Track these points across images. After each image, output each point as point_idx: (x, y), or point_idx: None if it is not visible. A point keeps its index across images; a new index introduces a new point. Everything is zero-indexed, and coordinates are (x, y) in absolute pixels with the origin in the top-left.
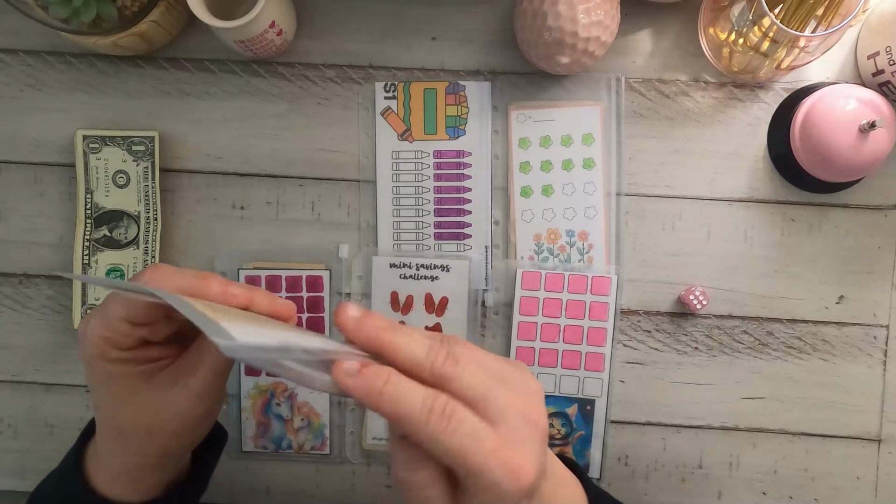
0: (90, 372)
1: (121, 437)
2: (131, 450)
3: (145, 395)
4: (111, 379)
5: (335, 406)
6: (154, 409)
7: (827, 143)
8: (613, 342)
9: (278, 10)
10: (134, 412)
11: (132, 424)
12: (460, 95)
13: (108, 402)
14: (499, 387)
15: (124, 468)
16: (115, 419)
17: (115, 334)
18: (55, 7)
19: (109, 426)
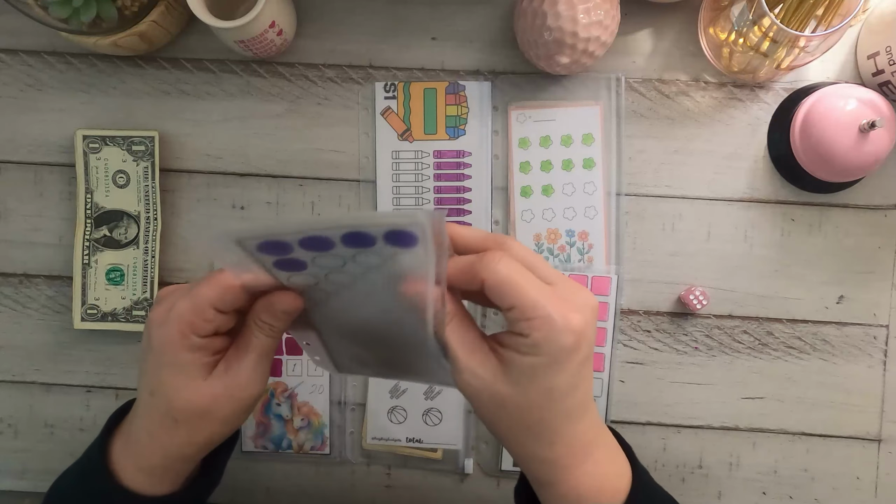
0: (161, 356)
1: (172, 426)
2: (178, 439)
3: (203, 383)
4: (181, 366)
5: (335, 406)
6: (211, 395)
7: (827, 143)
8: (613, 342)
9: (278, 9)
10: (191, 398)
11: (187, 411)
12: (460, 95)
13: (169, 388)
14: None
15: (163, 459)
16: (172, 406)
17: (201, 320)
18: (55, 7)
19: (161, 414)
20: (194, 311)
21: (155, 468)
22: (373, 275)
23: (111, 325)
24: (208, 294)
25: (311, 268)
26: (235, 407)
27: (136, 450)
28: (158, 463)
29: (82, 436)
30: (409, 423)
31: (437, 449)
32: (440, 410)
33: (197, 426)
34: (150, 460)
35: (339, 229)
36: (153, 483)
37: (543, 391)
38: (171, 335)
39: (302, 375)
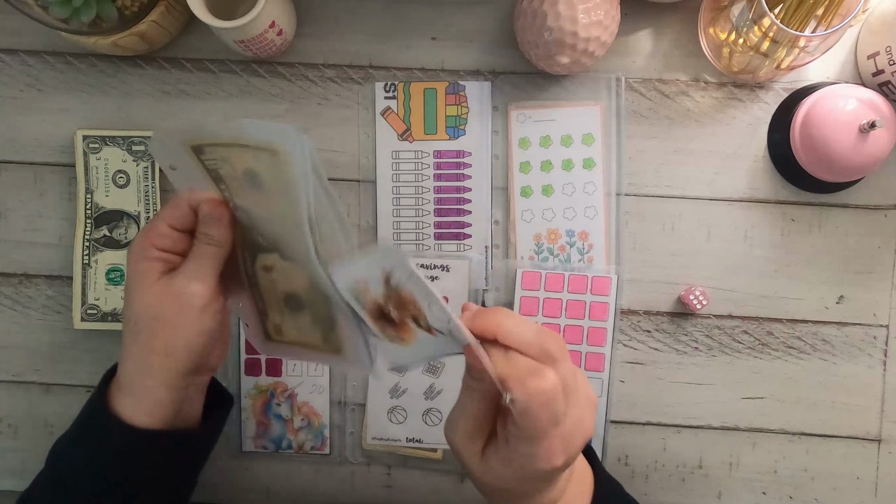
0: (127, 279)
1: (136, 335)
2: (140, 348)
3: (158, 285)
4: (139, 275)
5: (335, 406)
6: (157, 295)
7: (827, 143)
8: (613, 342)
9: (278, 9)
10: (143, 300)
11: (141, 314)
12: (460, 95)
13: (130, 298)
14: (582, 385)
15: (144, 379)
16: (132, 313)
17: (157, 235)
18: (55, 7)
19: (129, 330)
20: (151, 228)
21: (128, 385)
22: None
23: (111, 325)
24: (162, 213)
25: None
26: (181, 310)
27: (123, 380)
28: (132, 379)
29: None
30: (409, 423)
31: (437, 449)
32: (440, 410)
33: (152, 330)
34: (123, 377)
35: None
36: (146, 413)
37: (537, 479)
38: (133, 254)
39: (302, 375)
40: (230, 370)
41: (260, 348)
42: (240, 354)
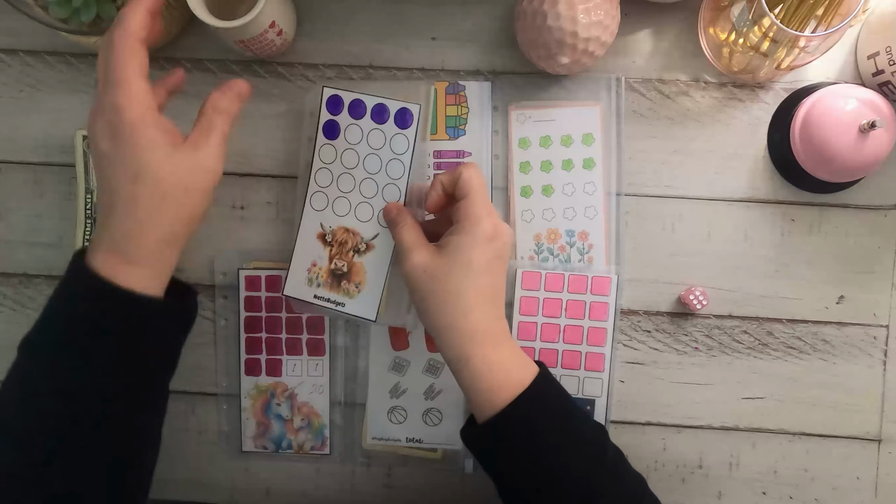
0: (133, 139)
1: (161, 203)
2: (168, 215)
3: (179, 157)
4: (155, 145)
5: (335, 406)
6: (188, 168)
7: (827, 143)
8: (613, 342)
9: (278, 10)
10: (174, 171)
11: (173, 184)
12: (460, 95)
13: (155, 167)
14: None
15: (156, 244)
16: (160, 182)
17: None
18: (55, 7)
19: (149, 195)
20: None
21: (146, 257)
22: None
23: None
24: (129, 83)
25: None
26: (207, 182)
27: (125, 245)
28: (151, 250)
29: None
30: (409, 423)
31: (437, 449)
32: (440, 410)
33: (181, 199)
34: (141, 249)
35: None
36: (160, 283)
37: (465, 263)
38: (134, 113)
39: (302, 375)
40: (230, 370)
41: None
42: (240, 354)
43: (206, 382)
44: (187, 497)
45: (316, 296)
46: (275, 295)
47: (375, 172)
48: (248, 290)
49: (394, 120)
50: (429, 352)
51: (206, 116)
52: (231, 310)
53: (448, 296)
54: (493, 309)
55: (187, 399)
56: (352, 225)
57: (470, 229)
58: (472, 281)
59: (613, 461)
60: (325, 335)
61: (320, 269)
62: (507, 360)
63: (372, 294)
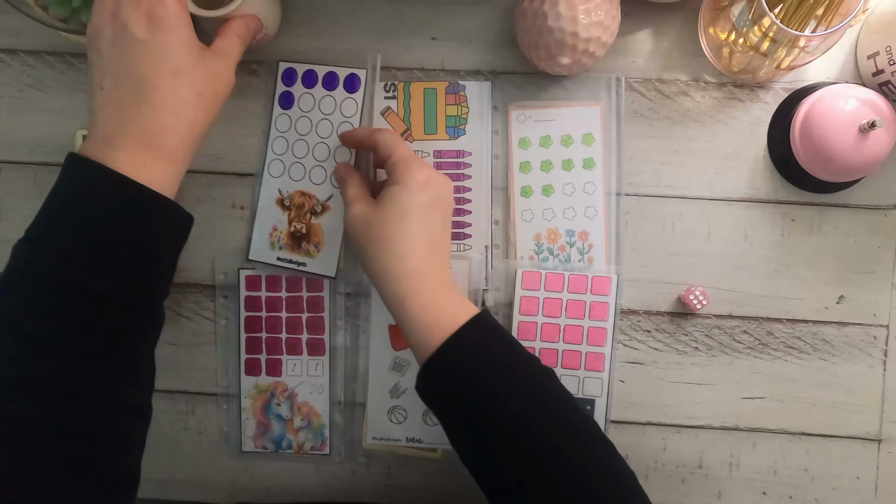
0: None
1: (198, 97)
2: (200, 113)
3: (209, 60)
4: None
5: (335, 406)
6: (214, 72)
7: (827, 143)
8: (613, 342)
9: (260, 7)
10: (205, 71)
11: (204, 83)
12: (460, 95)
13: (191, 59)
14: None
15: (186, 139)
16: (196, 77)
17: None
18: (55, 7)
19: (189, 87)
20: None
21: (176, 153)
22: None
23: None
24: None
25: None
26: (226, 90)
27: (158, 139)
28: (183, 146)
29: None
30: (409, 423)
31: (437, 449)
32: None
33: (209, 99)
34: (174, 144)
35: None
36: (170, 174)
37: (398, 210)
38: (185, 36)
39: (302, 375)
40: (230, 370)
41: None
42: (240, 354)
43: (206, 382)
44: (187, 497)
45: (279, 258)
46: (275, 295)
47: (327, 136)
48: (248, 290)
49: (343, 85)
50: None
51: (227, 37)
52: (231, 310)
53: (384, 242)
54: (430, 254)
55: (187, 399)
56: (307, 188)
57: (401, 178)
58: (406, 227)
59: (557, 405)
60: (325, 335)
61: (281, 232)
62: (443, 302)
63: (331, 253)
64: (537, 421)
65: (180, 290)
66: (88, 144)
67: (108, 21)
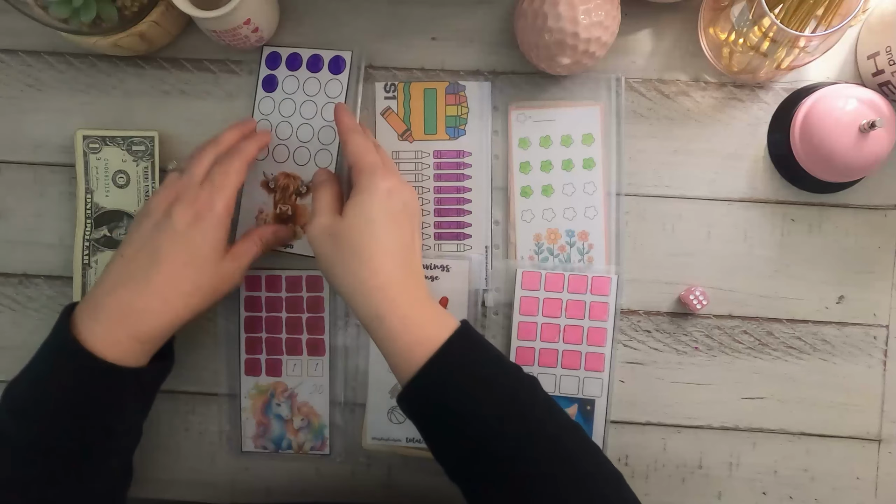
0: (205, 252)
1: (195, 290)
2: (191, 305)
3: (222, 264)
4: (218, 259)
5: (335, 406)
6: (222, 276)
7: (827, 143)
8: (613, 342)
9: (256, 8)
10: (213, 274)
11: (208, 283)
12: (460, 95)
13: (210, 259)
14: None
15: (169, 326)
16: (202, 274)
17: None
18: (55, 7)
19: (191, 280)
20: (227, 216)
21: (157, 338)
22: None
23: None
24: (229, 200)
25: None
26: (228, 289)
27: (140, 321)
28: (163, 331)
29: None
30: (409, 424)
31: None
32: None
33: (206, 296)
34: (155, 330)
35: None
36: (146, 353)
37: (365, 220)
38: (214, 239)
39: (302, 375)
40: (230, 370)
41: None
42: (240, 354)
43: (207, 382)
44: (187, 497)
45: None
46: (275, 295)
47: (311, 117)
48: (248, 291)
49: (328, 67)
50: None
51: (248, 241)
52: (231, 310)
53: (353, 254)
54: (403, 265)
55: (187, 399)
56: (291, 169)
57: (367, 186)
58: (375, 236)
59: (541, 417)
60: (325, 335)
61: (267, 215)
62: (422, 316)
63: None
64: (524, 436)
65: None
66: (83, 304)
67: (161, 208)
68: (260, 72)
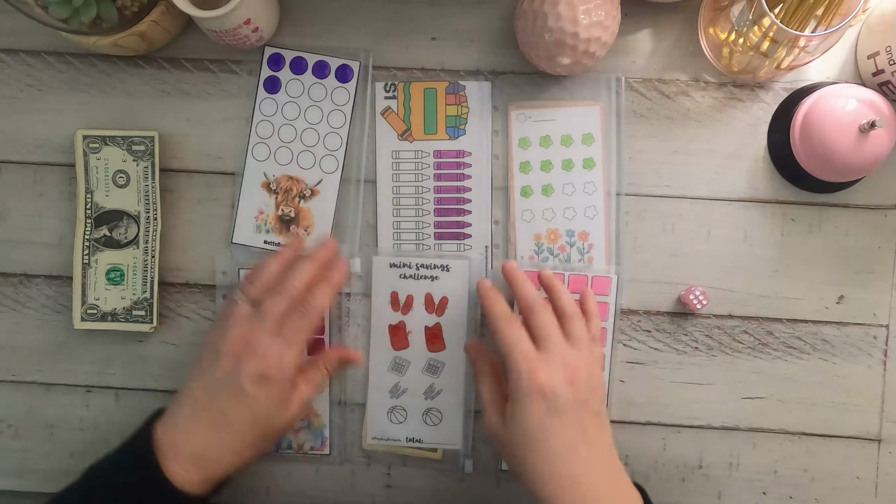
0: (279, 402)
1: (259, 441)
2: (255, 452)
3: (283, 414)
4: (287, 411)
5: (335, 406)
6: (287, 422)
7: (827, 143)
8: (614, 342)
9: (257, 8)
10: (279, 428)
11: (275, 434)
12: (460, 95)
13: (272, 418)
14: (561, 339)
15: (230, 466)
16: (265, 428)
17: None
18: (55, 7)
19: (255, 435)
20: (295, 372)
21: (218, 476)
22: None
23: (111, 324)
24: (299, 357)
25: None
26: (285, 431)
27: (209, 465)
28: (226, 471)
29: (82, 435)
30: (409, 423)
31: (437, 449)
32: (440, 410)
33: (274, 440)
34: (219, 472)
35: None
36: (208, 486)
37: (520, 433)
38: (280, 399)
39: None
40: None
41: None
42: None
43: None
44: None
45: (266, 241)
46: None
47: (317, 122)
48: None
49: (335, 75)
50: (428, 352)
51: (317, 372)
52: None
53: (520, 467)
54: (574, 470)
55: None
56: (294, 173)
57: (514, 392)
58: (535, 451)
59: None
60: (325, 335)
61: (267, 216)
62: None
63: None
64: None
65: (180, 289)
66: (165, 427)
67: (230, 355)
68: (261, 72)
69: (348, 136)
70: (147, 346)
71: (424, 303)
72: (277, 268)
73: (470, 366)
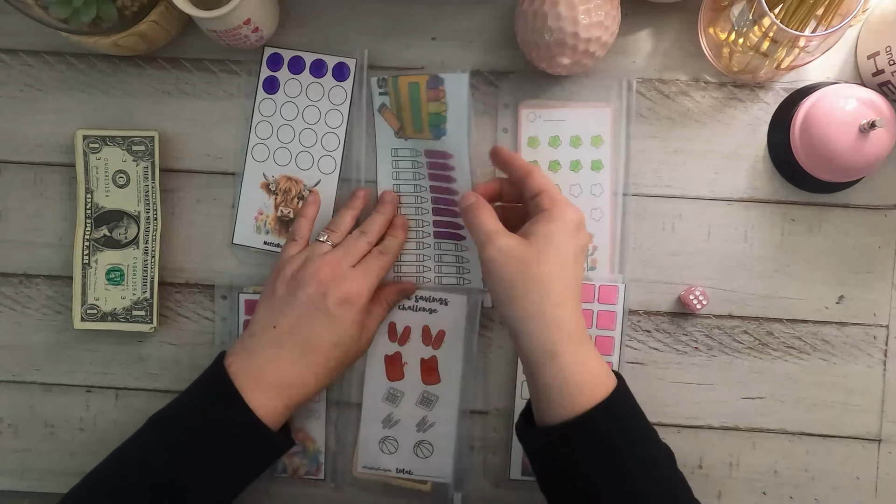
0: (358, 326)
1: (338, 364)
2: (333, 376)
3: (362, 338)
4: (358, 333)
5: (331, 432)
6: (360, 349)
7: (827, 143)
8: (622, 349)
9: (257, 8)
10: (354, 352)
11: (350, 359)
12: (440, 90)
13: (353, 339)
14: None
15: (312, 393)
16: (346, 351)
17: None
18: (55, 7)
19: (337, 357)
20: (369, 294)
21: (300, 403)
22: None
23: (111, 324)
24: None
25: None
26: (361, 355)
27: (293, 392)
28: (308, 398)
29: (82, 436)
30: (400, 454)
31: (427, 481)
32: (431, 443)
33: (347, 367)
34: (302, 398)
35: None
36: (286, 414)
37: (556, 250)
38: (359, 322)
39: None
40: None
41: None
42: None
43: None
44: None
45: (265, 242)
46: None
47: (315, 122)
48: (247, 314)
49: (332, 73)
50: (423, 384)
51: (378, 307)
52: (231, 310)
53: (538, 284)
54: (577, 305)
55: None
56: (294, 173)
57: (559, 217)
58: (564, 271)
59: (681, 483)
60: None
61: (267, 216)
62: (592, 362)
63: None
64: (663, 495)
65: (180, 289)
66: (238, 358)
67: (316, 285)
68: (261, 72)
69: (346, 136)
70: (147, 346)
71: (422, 335)
72: (352, 218)
73: (463, 394)
